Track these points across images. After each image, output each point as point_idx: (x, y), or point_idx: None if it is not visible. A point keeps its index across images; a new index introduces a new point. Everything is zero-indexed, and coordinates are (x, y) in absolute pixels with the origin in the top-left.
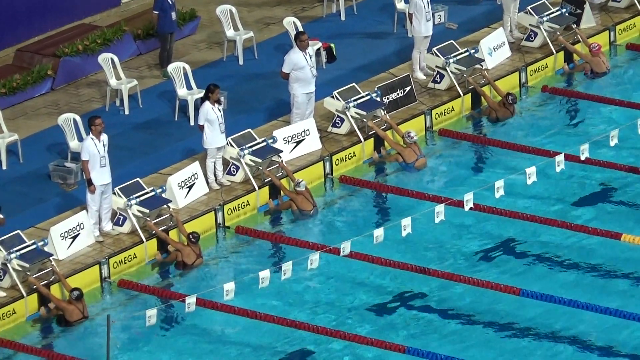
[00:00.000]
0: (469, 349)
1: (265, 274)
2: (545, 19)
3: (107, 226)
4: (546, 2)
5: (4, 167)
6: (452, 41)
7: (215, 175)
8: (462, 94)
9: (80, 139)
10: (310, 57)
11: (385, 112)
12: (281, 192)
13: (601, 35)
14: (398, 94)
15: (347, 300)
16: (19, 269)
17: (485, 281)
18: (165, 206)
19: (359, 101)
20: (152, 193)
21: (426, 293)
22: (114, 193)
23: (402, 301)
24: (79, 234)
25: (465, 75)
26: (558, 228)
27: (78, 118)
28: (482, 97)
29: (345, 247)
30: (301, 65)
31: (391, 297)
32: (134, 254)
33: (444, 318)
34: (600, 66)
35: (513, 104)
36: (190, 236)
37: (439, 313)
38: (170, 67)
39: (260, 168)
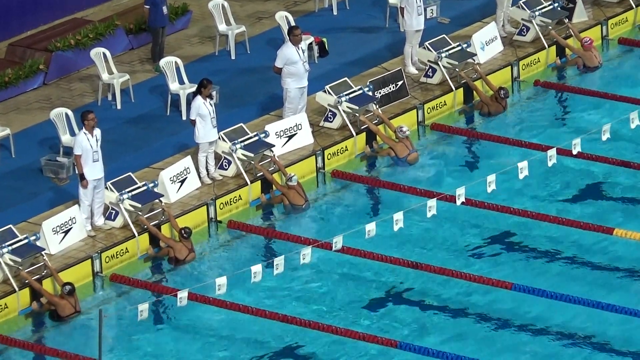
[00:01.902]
0: (463, 344)
1: (257, 268)
2: (537, 13)
3: (99, 221)
4: None
5: None
6: (444, 35)
7: (207, 170)
8: (454, 88)
9: (73, 134)
10: (303, 51)
11: (377, 106)
12: (273, 186)
13: (593, 29)
14: (390, 89)
15: (339, 295)
16: (11, 263)
17: (478, 276)
18: (157, 201)
19: (351, 95)
20: (144, 187)
21: (418, 287)
22: (106, 188)
23: (394, 296)
24: (71, 228)
25: (457, 69)
26: (550, 223)
27: (70, 113)
28: (474, 92)
29: (337, 242)
30: (294, 60)
31: (383, 291)
32: (126, 249)
33: (437, 312)
34: (593, 60)
35: (505, 99)
36: (182, 232)
37: (431, 308)
38: (162, 62)
39: (252, 162)
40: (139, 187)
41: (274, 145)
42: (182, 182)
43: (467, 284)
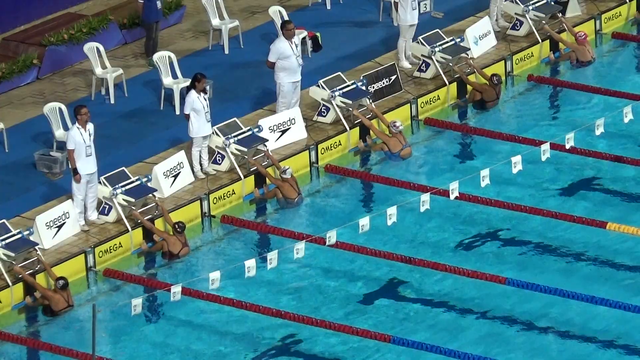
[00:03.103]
0: (456, 339)
1: (250, 263)
2: (530, 7)
3: (93, 215)
4: None
5: None
6: (437, 30)
7: (200, 164)
8: (447, 83)
9: (66, 128)
10: (296, 46)
11: (370, 101)
12: (267, 180)
13: (587, 23)
14: (384, 83)
15: (333, 289)
16: (4, 258)
17: (471, 270)
18: (150, 195)
19: (344, 90)
20: (138, 182)
21: (411, 282)
22: (100, 182)
23: (388, 291)
24: (65, 223)
25: (451, 64)
26: (543, 217)
27: (64, 107)
28: (467, 85)
29: (331, 237)
30: (287, 55)
31: (377, 286)
32: (120, 243)
33: (429, 307)
34: (586, 55)
35: (499, 84)
36: (176, 226)
37: (424, 302)
38: (156, 56)
39: (246, 157)
40: (132, 182)
41: (267, 140)
42: (176, 176)
43: (460, 278)
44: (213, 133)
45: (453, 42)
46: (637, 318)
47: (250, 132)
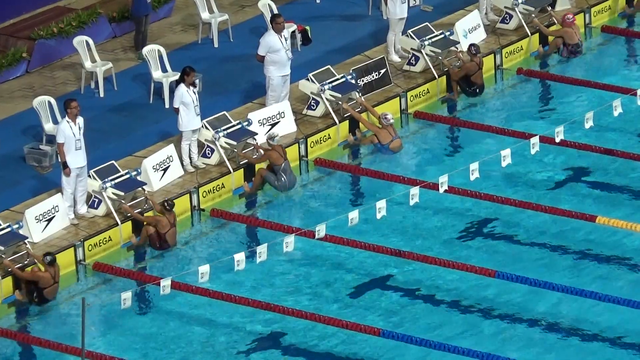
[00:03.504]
0: (446, 331)
1: (240, 256)
2: (520, 1)
3: (82, 209)
4: None
5: None
6: (427, 23)
7: (190, 158)
8: (437, 76)
9: (56, 122)
10: (286, 39)
11: (360, 94)
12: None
13: (576, 17)
14: (373, 77)
15: (322, 282)
16: None
17: (461, 263)
18: (140, 189)
19: (334, 83)
20: (127, 176)
21: (401, 275)
22: (89, 176)
23: (377, 284)
24: (54, 216)
25: (440, 57)
26: (533, 210)
27: (53, 101)
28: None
29: (320, 230)
30: (276, 48)
31: (366, 279)
32: (109, 237)
33: (419, 300)
34: (573, 37)
35: (477, 54)
36: (165, 204)
37: (414, 295)
38: (145, 50)
39: (235, 150)
40: (122, 175)
41: (257, 134)
42: (165, 170)
43: (450, 271)
44: (202, 127)
45: (442, 36)
46: (625, 310)
47: (239, 126)
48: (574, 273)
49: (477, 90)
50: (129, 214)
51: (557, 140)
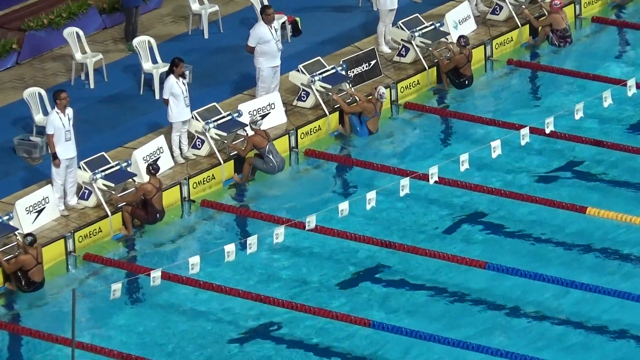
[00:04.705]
0: (436, 323)
1: (230, 247)
2: None
3: (73, 200)
4: None
5: None
6: (417, 15)
7: (180, 149)
8: (427, 68)
9: (46, 113)
10: (276, 30)
11: (350, 85)
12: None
13: (567, 8)
14: (363, 68)
15: (312, 274)
16: None
17: (451, 255)
18: (130, 180)
19: (324, 75)
20: (118, 167)
21: (392, 266)
22: (79, 167)
23: (368, 275)
24: (44, 208)
25: (430, 48)
26: (523, 202)
27: (43, 92)
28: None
29: (311, 221)
30: (267, 39)
31: (358, 271)
32: (99, 228)
33: (410, 291)
34: (560, 23)
35: (466, 46)
36: (150, 167)
37: (404, 286)
38: (136, 41)
39: (226, 142)
40: (112, 167)
41: (247, 125)
42: (156, 161)
43: (440, 262)
44: (193, 118)
45: (433, 27)
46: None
47: (229, 117)
48: (566, 265)
49: (466, 82)
50: (120, 205)
51: (547, 131)
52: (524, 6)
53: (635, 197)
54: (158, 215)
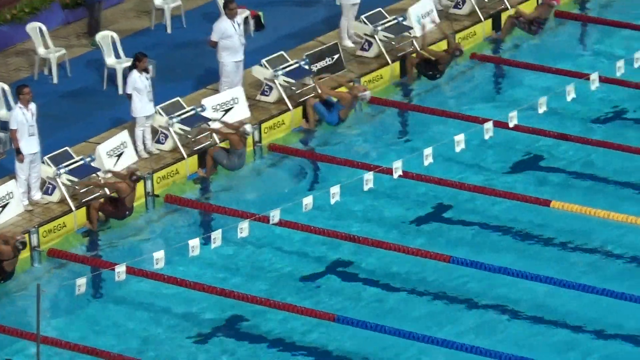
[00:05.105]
0: (401, 316)
1: (194, 242)
2: None
3: (37, 195)
4: None
5: None
6: (380, 9)
7: (144, 144)
8: (390, 62)
9: (9, 108)
10: (239, 25)
11: (314, 78)
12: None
13: (528, 2)
14: (326, 62)
15: (277, 268)
16: None
17: (415, 249)
18: (94, 175)
19: (287, 69)
20: (81, 162)
21: (355, 261)
22: (43, 162)
23: (331, 269)
24: (8, 203)
25: (393, 42)
26: (487, 195)
27: (7, 87)
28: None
29: (275, 215)
30: (229, 34)
31: (321, 265)
32: (64, 223)
33: (373, 286)
34: (548, 12)
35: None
36: (133, 176)
37: (368, 281)
38: (99, 36)
39: (189, 136)
40: (76, 162)
41: (210, 119)
42: (119, 156)
43: (404, 256)
44: (156, 112)
45: (396, 21)
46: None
47: (193, 112)
48: (529, 258)
49: (439, 76)
50: (87, 187)
51: (511, 125)
52: (486, 0)
53: (601, 190)
54: (127, 212)
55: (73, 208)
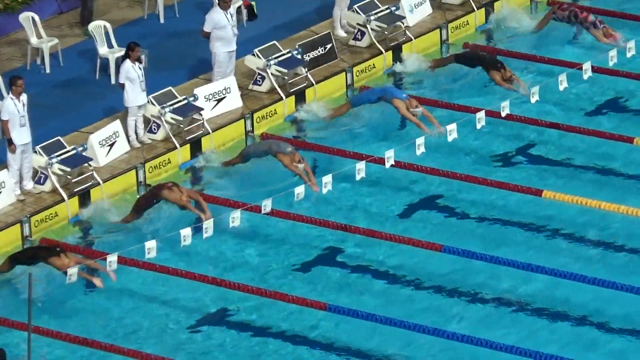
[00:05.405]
0: (391, 306)
1: (186, 232)
2: None
3: (29, 185)
4: None
5: None
6: None
7: (136, 134)
8: (383, 51)
9: (2, 98)
10: (232, 16)
11: (306, 69)
12: None
13: None
14: (319, 52)
15: (268, 257)
16: None
17: (407, 238)
18: (86, 164)
19: (280, 59)
20: (74, 151)
21: (347, 250)
22: (35, 152)
23: (324, 258)
24: (0, 192)
25: (386, 32)
26: (479, 185)
27: None
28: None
29: (267, 205)
30: (222, 25)
31: (313, 254)
32: (55, 212)
33: (366, 274)
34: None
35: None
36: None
37: (360, 270)
38: (91, 26)
39: (182, 126)
40: (68, 151)
41: (202, 109)
42: (112, 145)
43: (396, 246)
44: (149, 102)
45: (388, 11)
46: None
47: (185, 101)
48: (522, 247)
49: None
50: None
51: (503, 114)
52: None
53: (592, 180)
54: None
55: (65, 197)
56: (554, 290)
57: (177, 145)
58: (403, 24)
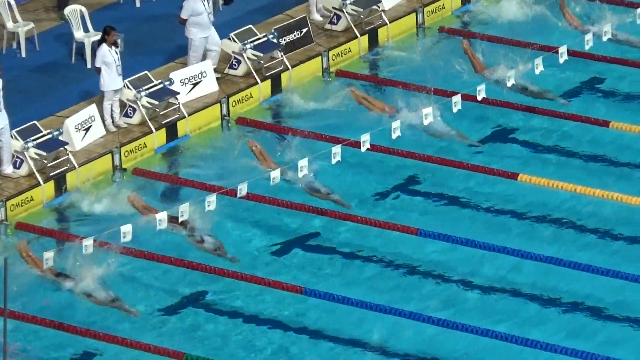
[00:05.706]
0: (366, 288)
1: (162, 215)
2: None
3: (8, 169)
4: None
5: None
6: None
7: (112, 118)
8: (359, 35)
9: None
10: (208, 2)
11: (282, 53)
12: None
13: None
14: (295, 36)
15: (245, 241)
16: None
17: (383, 221)
18: (62, 148)
19: (255, 43)
20: (49, 136)
21: (323, 233)
22: (11, 136)
23: (298, 242)
24: None
25: (362, 16)
26: (455, 168)
27: None
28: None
29: (242, 189)
30: (199, 12)
31: (288, 238)
32: (31, 197)
33: (341, 258)
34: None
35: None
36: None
37: (336, 254)
38: (67, 10)
39: (157, 110)
40: (44, 135)
41: (178, 93)
42: (87, 130)
43: (373, 229)
44: (124, 86)
45: None
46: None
47: (161, 85)
48: (496, 231)
49: None
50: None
51: (479, 98)
52: None
53: (568, 164)
54: None
55: (41, 181)
56: (545, 277)
57: (153, 129)
58: (379, 7)
